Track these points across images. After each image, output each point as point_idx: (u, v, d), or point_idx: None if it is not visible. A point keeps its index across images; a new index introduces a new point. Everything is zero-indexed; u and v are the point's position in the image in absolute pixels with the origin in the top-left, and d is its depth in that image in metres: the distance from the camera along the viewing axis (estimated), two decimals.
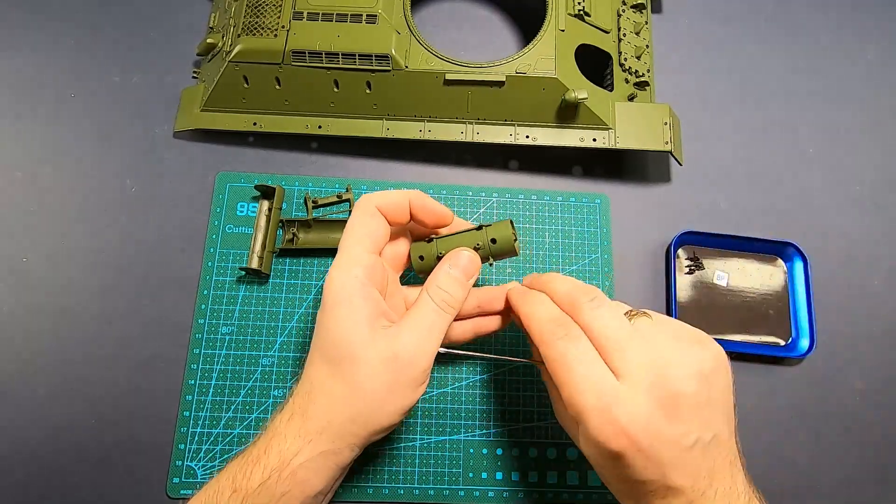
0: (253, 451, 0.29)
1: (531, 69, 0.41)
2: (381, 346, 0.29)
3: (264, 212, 0.43)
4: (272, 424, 0.30)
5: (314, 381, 0.30)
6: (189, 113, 0.45)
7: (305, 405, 0.30)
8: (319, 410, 0.29)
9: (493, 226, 0.34)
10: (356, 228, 0.32)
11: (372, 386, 0.29)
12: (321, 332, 0.31)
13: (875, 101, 0.50)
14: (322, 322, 0.31)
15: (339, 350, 0.30)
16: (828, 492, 0.40)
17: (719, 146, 0.48)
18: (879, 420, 0.42)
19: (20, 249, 0.42)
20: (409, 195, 0.33)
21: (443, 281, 0.32)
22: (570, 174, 0.47)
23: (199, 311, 0.41)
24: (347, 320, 0.30)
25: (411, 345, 0.30)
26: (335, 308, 0.30)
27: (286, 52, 0.41)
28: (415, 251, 0.35)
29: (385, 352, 0.29)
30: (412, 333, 0.30)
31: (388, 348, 0.29)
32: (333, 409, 0.29)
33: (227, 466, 0.30)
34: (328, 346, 0.30)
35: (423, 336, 0.30)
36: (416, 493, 0.38)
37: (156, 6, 0.49)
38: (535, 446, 0.40)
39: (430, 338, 0.30)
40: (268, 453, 0.29)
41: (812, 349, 0.42)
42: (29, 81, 0.46)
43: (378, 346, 0.29)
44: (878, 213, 0.47)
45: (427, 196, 0.34)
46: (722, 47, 0.51)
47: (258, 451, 0.29)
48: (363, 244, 0.32)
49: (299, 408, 0.30)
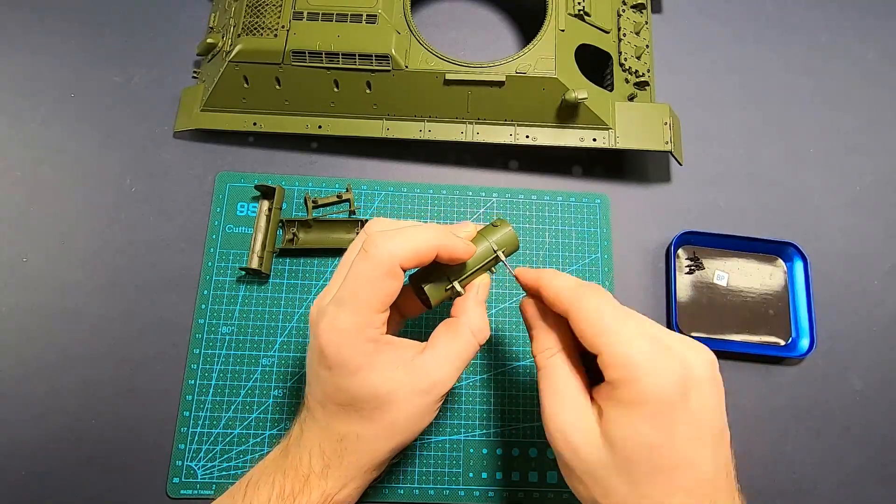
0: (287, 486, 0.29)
1: (531, 69, 0.41)
2: (416, 379, 0.29)
3: (264, 212, 0.43)
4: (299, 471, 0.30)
5: (344, 433, 0.30)
6: (189, 113, 0.45)
7: (340, 453, 0.30)
8: (359, 457, 0.30)
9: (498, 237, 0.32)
10: (371, 288, 0.28)
11: (409, 420, 0.30)
12: (339, 393, 0.29)
13: (875, 101, 0.50)
14: (340, 385, 0.29)
15: (372, 403, 0.29)
16: (828, 492, 0.40)
17: (719, 146, 0.48)
18: (879, 420, 0.42)
19: (20, 249, 0.42)
20: (437, 248, 0.29)
21: (483, 320, 0.31)
22: (570, 174, 0.47)
23: (199, 311, 0.41)
24: (376, 380, 0.29)
25: (449, 377, 0.30)
26: (357, 373, 0.29)
27: (286, 52, 0.41)
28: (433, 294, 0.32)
29: (421, 384, 0.29)
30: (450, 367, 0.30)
31: (424, 380, 0.29)
32: (374, 451, 0.30)
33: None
34: (356, 402, 0.29)
35: (460, 370, 0.30)
36: (416, 493, 0.38)
37: (156, 6, 0.49)
38: (535, 446, 0.40)
39: (461, 367, 0.31)
40: (307, 492, 0.29)
41: (812, 349, 0.42)
42: (29, 81, 0.46)
43: (412, 380, 0.29)
44: (878, 213, 0.47)
45: (450, 236, 0.30)
46: (722, 47, 0.51)
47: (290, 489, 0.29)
48: (376, 305, 0.29)
49: (333, 456, 0.30)
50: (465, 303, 0.32)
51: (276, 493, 0.29)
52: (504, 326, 0.42)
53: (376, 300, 0.28)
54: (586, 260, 0.44)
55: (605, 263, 0.44)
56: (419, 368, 0.29)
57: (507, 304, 0.42)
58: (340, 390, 0.29)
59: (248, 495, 0.30)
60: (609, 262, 0.44)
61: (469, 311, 0.31)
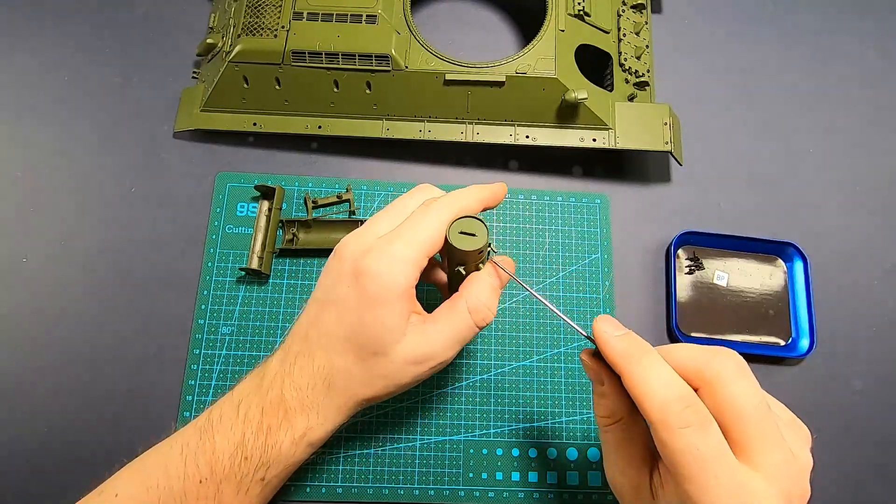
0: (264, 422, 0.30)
1: (531, 69, 0.41)
2: (414, 346, 0.30)
3: (264, 212, 0.43)
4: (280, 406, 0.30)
5: (339, 368, 0.30)
6: (189, 113, 0.45)
7: (328, 389, 0.30)
8: (343, 395, 0.31)
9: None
10: (430, 231, 0.30)
11: (393, 377, 0.30)
12: (357, 324, 0.30)
13: (875, 101, 0.50)
14: (360, 316, 0.29)
15: (375, 346, 0.30)
16: (828, 492, 0.40)
17: (719, 146, 0.48)
18: (879, 420, 0.42)
19: (20, 249, 0.42)
20: (483, 202, 0.32)
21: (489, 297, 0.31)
22: (570, 174, 0.47)
23: (199, 311, 0.41)
24: (390, 321, 0.29)
25: (442, 351, 0.30)
26: (381, 306, 0.29)
27: (286, 53, 0.41)
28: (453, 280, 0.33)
29: (415, 353, 0.30)
30: (444, 342, 0.30)
31: (420, 349, 0.30)
32: (357, 394, 0.31)
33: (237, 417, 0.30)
34: (363, 339, 0.30)
35: (454, 348, 0.31)
36: (416, 493, 0.38)
37: (156, 6, 0.49)
38: (535, 446, 0.40)
39: (457, 347, 0.31)
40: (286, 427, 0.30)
41: (812, 349, 0.42)
42: (29, 81, 0.46)
43: (410, 345, 0.30)
44: (878, 213, 0.47)
45: (486, 188, 0.32)
46: (722, 47, 0.51)
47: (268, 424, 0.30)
48: (426, 249, 0.30)
49: (321, 391, 0.30)
50: (471, 283, 0.32)
51: (252, 431, 0.29)
52: (504, 327, 0.42)
53: (431, 248, 0.30)
54: (586, 260, 0.44)
55: (605, 263, 0.44)
56: (417, 331, 0.30)
57: (507, 304, 0.42)
58: (361, 323, 0.29)
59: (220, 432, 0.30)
60: (609, 263, 0.44)
61: (472, 291, 0.31)
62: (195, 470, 0.29)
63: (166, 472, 0.29)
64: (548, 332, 0.42)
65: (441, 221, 0.30)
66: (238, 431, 0.29)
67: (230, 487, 0.29)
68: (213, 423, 0.30)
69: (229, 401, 0.31)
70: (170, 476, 0.29)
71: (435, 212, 0.30)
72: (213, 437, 0.30)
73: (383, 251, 0.29)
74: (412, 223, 0.30)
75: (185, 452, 0.29)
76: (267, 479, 0.30)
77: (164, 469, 0.29)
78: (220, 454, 0.29)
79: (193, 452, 0.29)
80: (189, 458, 0.29)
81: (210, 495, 0.29)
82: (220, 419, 0.30)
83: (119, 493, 0.29)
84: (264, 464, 0.29)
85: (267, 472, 0.30)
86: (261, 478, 0.30)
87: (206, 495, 0.29)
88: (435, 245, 0.30)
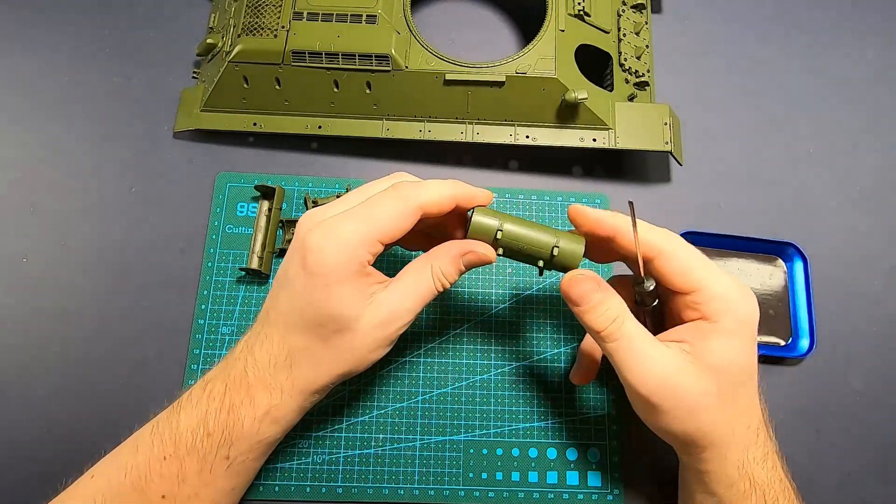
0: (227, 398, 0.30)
1: (531, 69, 0.41)
2: (375, 312, 0.30)
3: (264, 212, 0.43)
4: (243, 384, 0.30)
5: (299, 348, 0.30)
6: (189, 113, 0.45)
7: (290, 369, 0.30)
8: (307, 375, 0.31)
9: (565, 238, 0.32)
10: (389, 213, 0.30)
11: (362, 349, 0.31)
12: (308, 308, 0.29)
13: (875, 101, 0.50)
14: (310, 296, 0.29)
15: (335, 324, 0.30)
16: (828, 492, 0.40)
17: (719, 146, 0.48)
18: (879, 420, 0.42)
19: (20, 249, 0.42)
20: (455, 198, 0.31)
21: (448, 268, 0.32)
22: (570, 174, 0.47)
23: (199, 311, 0.41)
24: (345, 300, 0.29)
25: (406, 311, 0.31)
26: (332, 286, 0.29)
27: (286, 53, 0.41)
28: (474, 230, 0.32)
29: (382, 314, 0.30)
30: (407, 301, 0.31)
31: (385, 311, 0.30)
32: (323, 373, 0.31)
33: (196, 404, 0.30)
34: (319, 318, 0.30)
35: (416, 308, 0.31)
36: (416, 493, 0.38)
37: (156, 6, 0.49)
38: (535, 446, 0.40)
39: (418, 306, 0.31)
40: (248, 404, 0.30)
41: (812, 349, 0.42)
42: (29, 81, 0.46)
43: (372, 313, 0.30)
44: (878, 213, 0.47)
45: (467, 187, 0.32)
46: (722, 47, 0.51)
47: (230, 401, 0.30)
48: (381, 231, 0.30)
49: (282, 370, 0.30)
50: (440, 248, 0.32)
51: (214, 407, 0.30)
52: (504, 327, 0.42)
53: (388, 230, 0.30)
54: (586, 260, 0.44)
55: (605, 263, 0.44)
56: (382, 302, 0.30)
57: (507, 304, 0.42)
58: (310, 304, 0.29)
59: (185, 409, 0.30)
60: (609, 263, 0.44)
61: (439, 257, 0.32)
62: (160, 446, 0.29)
63: (136, 449, 0.30)
64: (548, 332, 0.42)
65: (406, 206, 0.30)
66: (202, 408, 0.30)
67: (193, 464, 0.29)
68: (181, 402, 0.31)
69: (200, 381, 0.32)
70: (138, 453, 0.30)
71: (398, 195, 0.30)
72: (178, 413, 0.30)
73: (331, 230, 0.29)
74: (370, 204, 0.30)
75: (154, 430, 0.30)
76: (231, 457, 0.30)
77: (136, 447, 0.30)
78: (183, 429, 0.30)
79: (161, 429, 0.30)
80: (156, 434, 0.30)
81: (173, 472, 0.29)
82: (189, 397, 0.31)
83: (95, 474, 0.30)
84: (227, 441, 0.30)
85: (231, 450, 0.30)
86: (225, 455, 0.30)
87: (170, 472, 0.29)
88: (395, 228, 0.30)
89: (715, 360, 0.30)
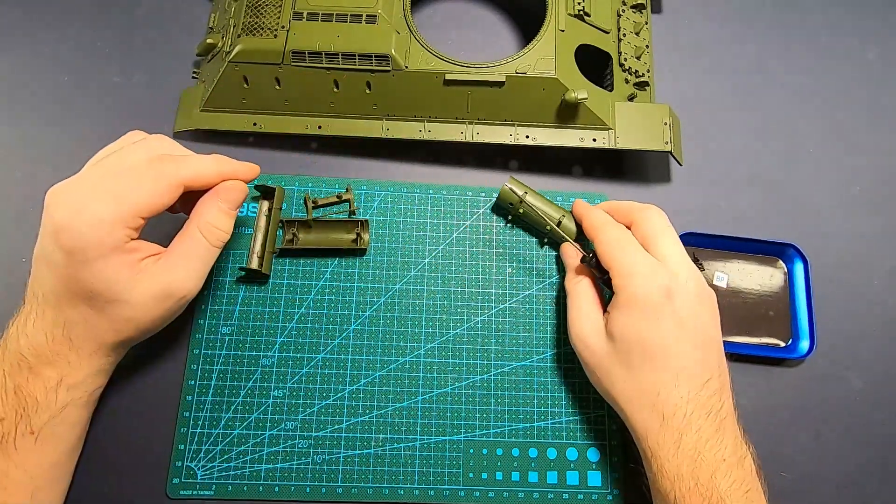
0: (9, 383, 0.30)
1: (531, 69, 0.41)
2: (151, 283, 0.31)
3: (264, 212, 0.43)
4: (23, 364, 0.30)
5: (74, 319, 0.30)
6: (189, 113, 0.45)
7: (69, 337, 0.31)
8: (89, 341, 0.31)
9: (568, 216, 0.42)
10: (151, 190, 0.30)
11: (143, 319, 0.31)
12: (74, 283, 0.29)
13: (875, 101, 0.50)
14: (73, 272, 0.29)
15: (106, 296, 0.30)
16: (828, 492, 0.40)
17: (719, 146, 0.48)
18: (879, 420, 0.42)
19: (20, 249, 0.42)
20: (222, 174, 0.33)
21: (216, 218, 0.32)
22: (570, 174, 0.47)
23: (199, 311, 0.41)
24: (110, 274, 0.29)
25: (184, 280, 0.31)
26: (93, 262, 0.29)
27: (286, 53, 0.41)
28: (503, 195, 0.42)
29: (155, 288, 0.31)
30: (185, 270, 0.31)
31: (158, 285, 0.31)
32: (105, 340, 0.31)
33: None
34: (88, 292, 0.30)
35: (197, 271, 0.32)
36: (416, 493, 0.38)
37: (156, 6, 0.49)
38: (535, 446, 0.40)
39: (202, 272, 0.32)
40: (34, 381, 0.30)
41: (812, 350, 0.42)
42: (29, 81, 0.46)
43: (147, 284, 0.30)
44: (878, 214, 0.47)
45: (232, 162, 0.34)
46: (722, 47, 0.51)
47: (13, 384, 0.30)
48: (140, 208, 0.30)
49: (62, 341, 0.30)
50: (201, 206, 0.33)
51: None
52: (504, 327, 0.42)
53: (146, 208, 0.30)
54: None
55: None
56: (154, 274, 0.31)
57: (507, 304, 0.42)
58: (75, 280, 0.29)
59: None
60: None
61: (202, 214, 0.32)
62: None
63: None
64: (548, 332, 0.42)
65: (168, 183, 0.30)
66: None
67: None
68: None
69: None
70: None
71: (159, 173, 0.30)
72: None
73: (83, 209, 0.29)
74: (127, 180, 0.30)
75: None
76: (37, 428, 0.30)
77: None
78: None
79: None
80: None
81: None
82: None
83: None
84: (23, 418, 0.30)
85: (32, 423, 0.30)
86: (27, 431, 0.30)
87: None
88: (154, 205, 0.30)
89: (611, 328, 0.34)
